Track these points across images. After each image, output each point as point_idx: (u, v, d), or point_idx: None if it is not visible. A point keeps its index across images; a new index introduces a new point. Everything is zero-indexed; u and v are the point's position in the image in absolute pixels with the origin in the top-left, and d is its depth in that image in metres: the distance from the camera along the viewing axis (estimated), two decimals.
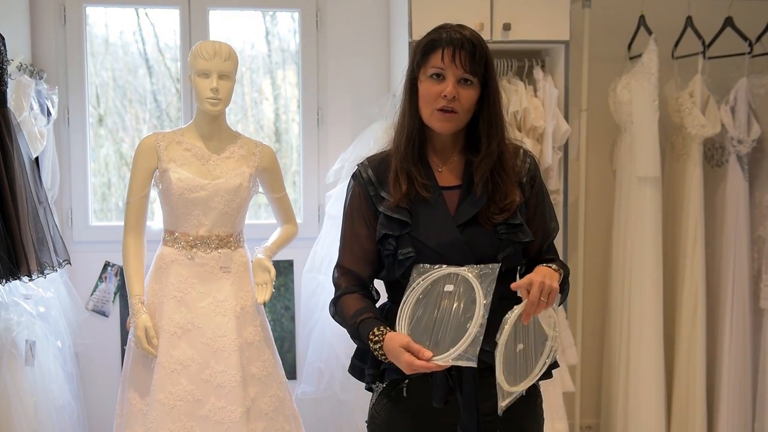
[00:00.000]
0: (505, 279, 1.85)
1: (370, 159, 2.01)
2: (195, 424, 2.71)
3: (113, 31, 3.91)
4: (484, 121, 1.91)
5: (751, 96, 3.66)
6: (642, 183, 3.68)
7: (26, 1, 3.56)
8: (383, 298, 2.02)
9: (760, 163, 3.74)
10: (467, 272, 1.78)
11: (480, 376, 1.83)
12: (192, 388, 2.72)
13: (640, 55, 3.70)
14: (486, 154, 1.90)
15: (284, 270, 3.80)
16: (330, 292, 2.01)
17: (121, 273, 3.73)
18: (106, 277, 3.76)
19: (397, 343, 1.75)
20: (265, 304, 2.91)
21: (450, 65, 1.84)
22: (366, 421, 2.02)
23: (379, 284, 2.01)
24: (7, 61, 2.84)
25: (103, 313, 3.76)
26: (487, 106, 1.90)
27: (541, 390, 2.01)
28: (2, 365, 2.87)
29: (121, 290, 3.73)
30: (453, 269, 1.80)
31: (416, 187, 1.89)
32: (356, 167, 2.00)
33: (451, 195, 1.92)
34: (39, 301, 3.13)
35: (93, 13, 3.82)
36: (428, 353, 1.71)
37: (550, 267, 1.84)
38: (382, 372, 1.90)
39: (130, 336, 2.82)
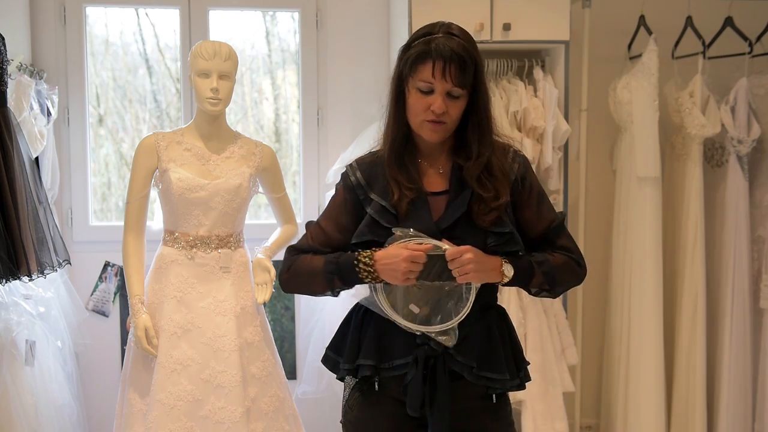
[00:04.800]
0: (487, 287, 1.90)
1: (358, 161, 1.99)
2: (195, 424, 2.71)
3: (113, 31, 3.91)
4: (474, 126, 1.88)
5: (751, 96, 3.66)
6: (642, 183, 3.68)
7: (26, 1, 3.56)
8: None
9: (760, 163, 3.74)
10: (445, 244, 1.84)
11: (452, 378, 1.87)
12: (192, 388, 2.72)
13: (640, 55, 3.69)
14: (476, 159, 1.88)
15: None
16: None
17: (121, 273, 3.73)
18: (106, 277, 3.76)
19: (395, 247, 1.81)
20: (265, 304, 2.91)
21: (440, 80, 1.81)
22: (341, 421, 2.01)
23: None
24: (7, 61, 2.84)
25: (103, 313, 3.76)
26: (476, 111, 1.87)
27: (542, 390, 2.02)
28: (2, 365, 2.87)
29: (121, 290, 3.73)
30: (434, 241, 1.84)
31: (403, 193, 1.88)
32: (345, 168, 2.00)
33: (438, 200, 1.91)
34: (39, 301, 3.13)
35: (93, 13, 3.82)
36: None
37: (499, 257, 1.86)
38: (356, 367, 1.91)
39: (130, 336, 2.82)
